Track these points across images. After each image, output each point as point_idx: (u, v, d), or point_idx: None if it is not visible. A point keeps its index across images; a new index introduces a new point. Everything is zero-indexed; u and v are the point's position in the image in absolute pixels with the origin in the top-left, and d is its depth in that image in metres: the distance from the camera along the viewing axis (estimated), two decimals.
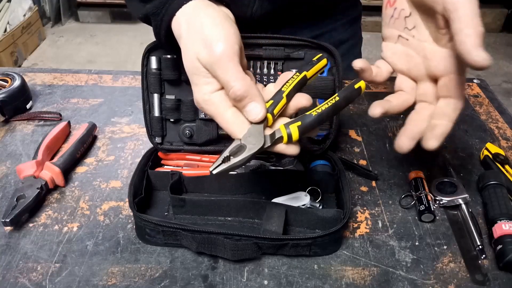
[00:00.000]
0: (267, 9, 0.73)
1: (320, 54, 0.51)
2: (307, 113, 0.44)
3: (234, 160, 0.43)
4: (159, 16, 0.48)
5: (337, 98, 0.45)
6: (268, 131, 0.45)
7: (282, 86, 0.46)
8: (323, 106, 0.44)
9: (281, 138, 0.44)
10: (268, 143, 0.44)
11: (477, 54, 0.39)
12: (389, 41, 0.52)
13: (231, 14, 0.50)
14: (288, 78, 0.48)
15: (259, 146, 0.43)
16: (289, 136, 0.44)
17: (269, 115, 0.44)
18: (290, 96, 0.46)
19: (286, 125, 0.44)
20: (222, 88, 0.44)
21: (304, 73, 0.48)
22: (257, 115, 0.43)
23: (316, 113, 0.44)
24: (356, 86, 0.46)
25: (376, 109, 0.48)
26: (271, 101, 0.45)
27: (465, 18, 0.40)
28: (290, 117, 0.47)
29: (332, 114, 0.45)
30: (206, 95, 0.44)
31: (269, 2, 0.72)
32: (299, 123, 0.44)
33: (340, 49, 0.73)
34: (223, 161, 0.43)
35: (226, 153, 0.43)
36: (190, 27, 0.45)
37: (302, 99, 0.47)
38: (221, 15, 0.46)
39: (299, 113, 0.46)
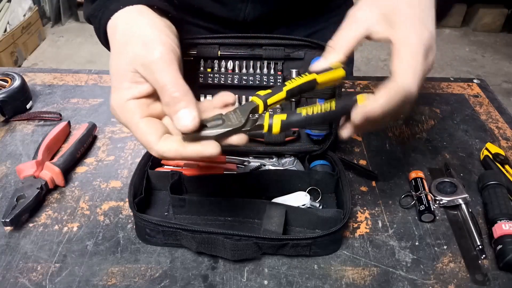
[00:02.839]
0: (259, 12, 0.73)
1: (339, 63, 0.46)
2: (298, 110, 0.43)
3: (206, 132, 0.41)
4: (97, 18, 0.48)
5: (333, 108, 0.43)
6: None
7: (286, 81, 0.45)
8: (316, 109, 0.43)
9: (261, 126, 0.42)
10: (248, 127, 0.42)
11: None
12: None
13: (174, 28, 0.48)
14: (225, 100, 0.45)
15: (235, 126, 0.41)
16: (270, 127, 0.42)
17: (261, 102, 0.43)
18: (292, 93, 0.45)
19: (271, 115, 0.42)
20: (141, 97, 0.43)
21: (314, 75, 0.45)
22: (187, 124, 0.40)
23: (306, 114, 0.42)
24: (358, 99, 0.43)
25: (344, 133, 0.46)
26: (269, 91, 0.44)
27: (400, 66, 0.41)
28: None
29: (321, 121, 0.44)
30: (123, 101, 0.43)
31: (261, 5, 0.73)
32: (284, 116, 0.42)
33: None
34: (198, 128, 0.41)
35: (204, 121, 0.41)
36: (129, 29, 0.44)
37: (226, 97, 0.45)
38: (162, 23, 0.45)
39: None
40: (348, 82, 0.89)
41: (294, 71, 0.61)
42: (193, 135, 0.41)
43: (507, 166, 0.66)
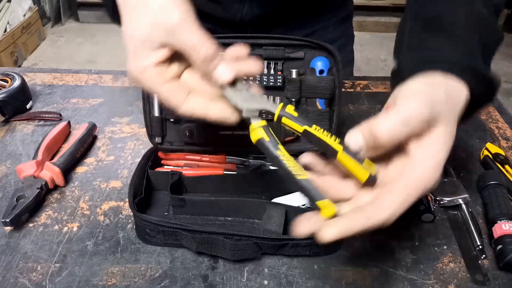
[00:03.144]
0: (256, 13, 0.73)
1: (372, 164, 0.40)
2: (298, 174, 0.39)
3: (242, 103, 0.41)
4: None
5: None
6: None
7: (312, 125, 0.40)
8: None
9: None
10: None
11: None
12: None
13: None
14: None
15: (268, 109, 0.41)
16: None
17: (277, 113, 0.41)
18: (307, 135, 0.41)
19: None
20: (160, 62, 0.42)
21: (340, 148, 0.39)
22: (229, 77, 0.41)
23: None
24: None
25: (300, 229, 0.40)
26: (295, 114, 0.41)
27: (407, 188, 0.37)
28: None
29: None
30: (142, 68, 0.42)
31: (258, 6, 0.73)
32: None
33: None
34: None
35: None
36: None
37: (251, 66, 0.43)
38: None
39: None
40: (348, 82, 0.89)
41: (294, 71, 0.61)
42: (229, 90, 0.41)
43: (507, 166, 0.66)
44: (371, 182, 0.38)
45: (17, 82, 0.77)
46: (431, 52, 0.44)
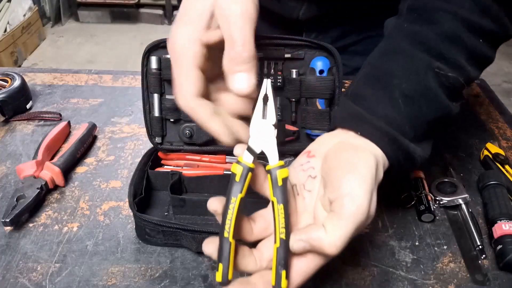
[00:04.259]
0: (314, 13, 0.73)
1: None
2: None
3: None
4: None
5: (276, 245, 0.39)
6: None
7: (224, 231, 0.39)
8: (279, 218, 0.39)
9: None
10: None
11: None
12: None
13: None
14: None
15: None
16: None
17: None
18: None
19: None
20: (206, 45, 0.41)
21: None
22: (242, 87, 0.39)
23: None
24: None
25: None
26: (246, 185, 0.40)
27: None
28: None
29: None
30: (188, 39, 0.41)
31: (317, 6, 0.72)
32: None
33: None
34: None
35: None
36: None
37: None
38: None
39: None
40: (348, 82, 0.89)
41: (294, 71, 0.61)
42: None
43: (507, 166, 0.66)
44: None
45: (17, 82, 0.77)
46: (363, 108, 0.45)
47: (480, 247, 0.55)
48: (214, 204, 0.41)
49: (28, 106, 0.80)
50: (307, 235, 0.38)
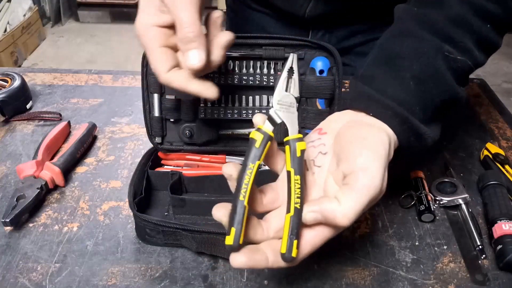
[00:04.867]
0: (320, 11, 0.73)
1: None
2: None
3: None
4: None
5: (291, 214, 0.39)
6: None
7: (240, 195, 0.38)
8: (294, 188, 0.39)
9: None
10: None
11: None
12: None
13: None
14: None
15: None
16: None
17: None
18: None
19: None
20: (164, 26, 0.45)
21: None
22: (194, 63, 0.43)
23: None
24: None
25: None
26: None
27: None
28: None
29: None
30: (147, 25, 0.45)
31: (324, 4, 0.72)
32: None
33: None
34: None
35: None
36: None
37: (222, 38, 0.46)
38: None
39: None
40: (348, 82, 0.89)
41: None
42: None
43: (507, 166, 0.66)
44: (284, 259, 0.39)
45: (17, 82, 0.77)
46: (374, 89, 0.46)
47: (480, 247, 0.55)
48: (230, 168, 0.41)
49: (28, 106, 0.80)
50: (320, 206, 0.39)
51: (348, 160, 0.40)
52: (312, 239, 0.40)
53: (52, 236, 0.56)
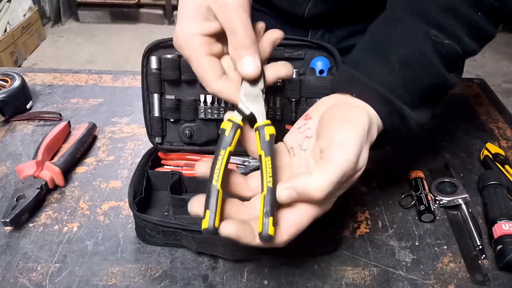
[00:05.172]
0: (320, 10, 0.73)
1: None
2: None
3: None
4: None
5: (264, 193, 0.40)
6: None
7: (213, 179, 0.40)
8: (266, 169, 0.40)
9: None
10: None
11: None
12: (282, 147, 0.48)
13: None
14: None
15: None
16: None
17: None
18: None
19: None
20: (208, 35, 0.44)
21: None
22: (250, 70, 0.43)
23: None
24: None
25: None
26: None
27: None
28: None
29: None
30: (191, 34, 0.44)
31: (323, 3, 0.72)
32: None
33: None
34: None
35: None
36: None
37: (281, 68, 0.46)
38: None
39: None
40: None
41: (294, 71, 0.61)
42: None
43: (507, 166, 0.66)
44: (261, 237, 0.38)
45: (17, 82, 0.78)
46: (360, 72, 0.47)
47: (480, 247, 0.55)
48: (202, 166, 0.42)
49: (28, 106, 0.80)
50: (292, 182, 0.39)
51: (325, 137, 0.41)
52: (295, 219, 0.40)
53: (52, 236, 0.56)
